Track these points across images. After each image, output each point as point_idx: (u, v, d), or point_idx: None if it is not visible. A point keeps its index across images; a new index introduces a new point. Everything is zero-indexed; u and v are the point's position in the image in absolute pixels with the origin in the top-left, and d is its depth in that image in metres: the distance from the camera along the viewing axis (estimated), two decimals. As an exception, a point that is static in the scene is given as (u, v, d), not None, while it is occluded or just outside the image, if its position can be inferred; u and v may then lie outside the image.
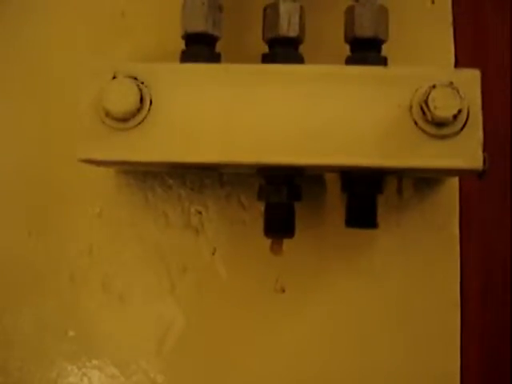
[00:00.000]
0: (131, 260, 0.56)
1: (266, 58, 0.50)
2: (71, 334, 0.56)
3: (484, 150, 0.46)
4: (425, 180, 0.55)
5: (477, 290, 0.55)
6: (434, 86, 0.44)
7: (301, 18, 0.50)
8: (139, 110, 0.46)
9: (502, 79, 0.57)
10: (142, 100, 0.46)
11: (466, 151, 0.45)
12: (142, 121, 0.46)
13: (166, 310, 0.56)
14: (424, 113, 0.45)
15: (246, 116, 0.46)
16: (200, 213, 0.56)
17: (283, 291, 0.55)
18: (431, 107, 0.44)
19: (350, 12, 0.50)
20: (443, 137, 0.45)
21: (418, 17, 0.57)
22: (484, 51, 0.57)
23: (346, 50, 0.51)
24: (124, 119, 0.46)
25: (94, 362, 0.56)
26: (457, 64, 0.56)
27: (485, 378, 0.54)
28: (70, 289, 0.56)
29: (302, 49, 0.51)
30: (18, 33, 0.60)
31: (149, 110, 0.47)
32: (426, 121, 0.45)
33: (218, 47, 0.52)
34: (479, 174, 0.51)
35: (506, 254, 0.55)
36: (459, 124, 0.45)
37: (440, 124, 0.45)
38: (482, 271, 0.55)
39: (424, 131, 0.45)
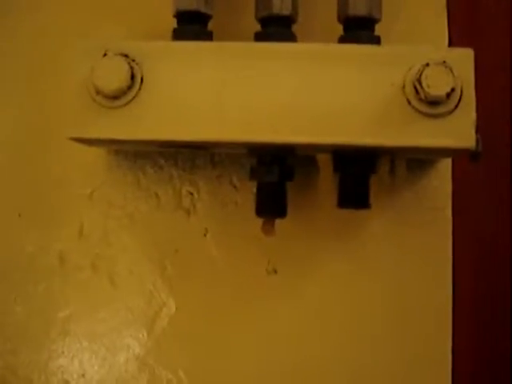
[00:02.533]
0: (122, 241, 0.56)
1: (259, 37, 0.50)
2: (61, 315, 0.56)
3: (477, 132, 0.45)
4: (418, 161, 0.55)
5: (469, 272, 0.55)
6: (427, 65, 0.44)
7: (294, -4, 0.50)
8: (130, 87, 0.46)
9: (497, 62, 0.56)
10: (132, 77, 0.46)
11: (459, 130, 0.45)
12: (133, 98, 0.46)
13: (156, 291, 0.55)
14: (417, 91, 0.44)
15: (237, 94, 0.46)
16: (191, 194, 0.56)
17: (275, 272, 0.55)
18: (424, 85, 0.44)
19: (343, -10, 0.50)
20: (436, 116, 0.45)
21: (412, -3, 0.57)
22: (478, 33, 0.57)
23: (340, 29, 0.51)
24: (115, 97, 0.46)
25: (85, 343, 0.56)
26: (450, 45, 0.55)
27: (477, 358, 0.54)
28: (60, 270, 0.56)
29: (295, 28, 0.51)
30: (8, 17, 0.59)
31: (140, 87, 0.46)
32: (419, 99, 0.45)
33: (210, 26, 0.51)
34: (472, 157, 0.51)
35: (499, 236, 0.55)
36: (452, 103, 0.45)
37: (433, 103, 0.44)
38: (475, 252, 0.55)
39: (417, 110, 0.45)
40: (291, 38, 0.50)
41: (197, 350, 0.55)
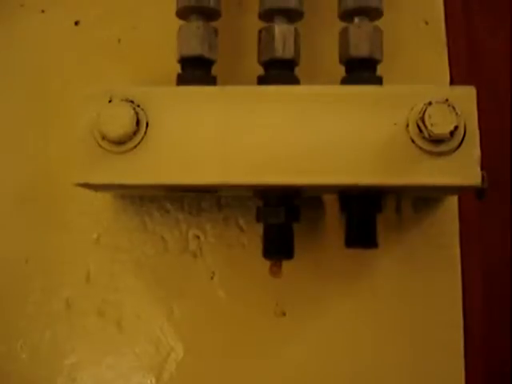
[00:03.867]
0: (128, 286, 0.56)
1: (262, 80, 0.50)
2: (68, 362, 0.55)
3: (482, 169, 0.45)
4: (424, 199, 0.55)
5: (479, 309, 0.54)
6: (429, 103, 0.44)
7: (296, 40, 0.50)
8: (135, 132, 0.46)
9: (496, 96, 0.57)
10: (138, 123, 0.46)
11: (464, 168, 0.45)
12: (139, 143, 0.46)
13: (164, 336, 0.55)
14: (421, 130, 0.45)
15: (242, 137, 0.46)
16: (198, 237, 0.56)
17: (283, 315, 0.54)
18: (428, 124, 0.44)
19: (344, 33, 0.51)
20: (440, 154, 0.45)
21: (412, 38, 0.57)
22: (478, 69, 0.57)
23: (342, 71, 0.51)
24: (120, 142, 0.46)
25: (92, 391, 0.55)
26: (452, 83, 0.56)
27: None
28: (67, 316, 0.56)
29: (297, 71, 0.51)
30: (14, 64, 0.60)
31: (145, 132, 0.46)
32: (423, 138, 0.45)
33: (214, 71, 0.52)
34: (478, 194, 0.50)
35: (508, 271, 0.55)
36: (456, 141, 0.45)
37: (437, 141, 0.44)
38: (484, 289, 0.54)
39: (421, 148, 0.45)
40: (294, 80, 0.50)
41: (206, 395, 0.54)
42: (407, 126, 0.45)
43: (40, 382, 0.56)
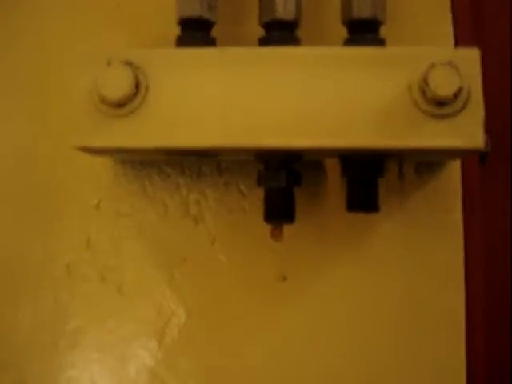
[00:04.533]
0: (129, 251, 0.56)
1: (263, 42, 0.50)
2: (70, 327, 0.55)
3: (486, 133, 0.45)
4: (426, 164, 0.55)
5: (481, 274, 0.54)
6: (433, 65, 0.44)
7: (297, 0, 0.49)
8: (135, 95, 0.46)
9: (501, 61, 0.56)
10: (137, 85, 0.46)
11: (467, 131, 0.44)
12: (138, 106, 0.46)
13: (165, 301, 0.55)
14: (424, 92, 0.44)
15: (242, 99, 0.46)
16: (199, 201, 0.56)
17: (284, 279, 0.54)
18: (431, 86, 0.43)
19: (346, -7, 0.50)
20: (443, 116, 0.44)
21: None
22: (482, 33, 0.56)
23: (344, 33, 0.50)
24: (120, 105, 0.46)
25: (94, 355, 0.55)
26: (456, 46, 0.55)
27: (490, 361, 0.53)
28: (68, 281, 0.56)
29: (298, 32, 0.51)
30: (15, 27, 0.60)
31: (145, 95, 0.46)
32: (426, 100, 0.44)
33: (214, 33, 0.51)
34: (481, 158, 0.50)
35: (509, 236, 0.55)
36: (460, 103, 0.44)
37: (440, 103, 0.44)
38: (486, 254, 0.54)
39: (424, 111, 0.44)
40: (295, 42, 0.49)
41: (207, 359, 0.54)
42: (410, 88, 0.45)
43: (43, 347, 0.56)
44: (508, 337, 0.54)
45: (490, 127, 0.45)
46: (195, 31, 0.49)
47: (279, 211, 0.49)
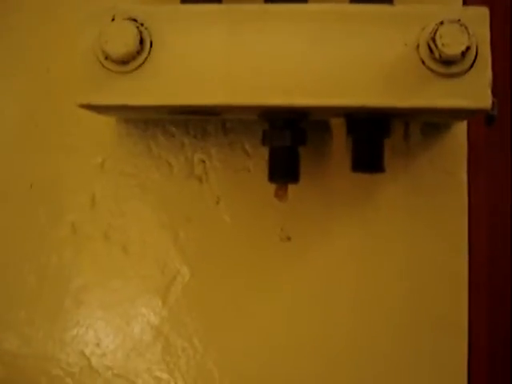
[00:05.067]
0: (134, 211, 0.56)
1: (269, -1, 0.49)
2: (74, 285, 0.56)
3: (493, 95, 0.44)
4: (432, 125, 0.54)
5: (485, 236, 0.54)
6: (441, 23, 0.43)
7: (304, -43, 0.49)
8: (139, 52, 0.45)
9: (507, 22, 0.55)
10: (141, 42, 0.45)
11: (475, 90, 0.44)
12: (143, 63, 0.46)
13: (170, 260, 0.55)
14: (431, 51, 0.43)
15: (247, 57, 0.45)
16: (203, 161, 0.55)
17: (289, 239, 0.54)
18: (439, 44, 0.43)
19: (354, -50, 0.49)
20: (451, 75, 0.44)
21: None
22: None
23: (351, -10, 0.50)
24: (124, 62, 0.45)
25: (99, 313, 0.56)
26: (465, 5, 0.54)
27: (493, 326, 0.54)
28: (73, 240, 0.56)
29: (305, -10, 0.50)
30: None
31: (149, 52, 0.46)
32: (434, 59, 0.44)
33: (220, -10, 0.50)
34: (487, 120, 0.50)
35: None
36: (467, 62, 0.44)
37: (448, 62, 0.43)
38: (490, 217, 0.54)
39: (431, 70, 0.44)
40: (302, -1, 0.49)
41: (211, 317, 0.55)
42: (418, 46, 0.44)
43: (47, 305, 0.56)
44: (510, 297, 0.54)
45: (495, 90, 0.44)
46: (200, -13, 0.49)
47: (284, 171, 0.49)
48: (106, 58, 0.45)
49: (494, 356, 0.54)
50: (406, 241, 0.54)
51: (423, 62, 0.44)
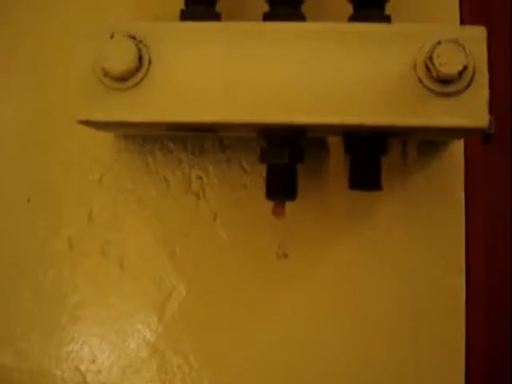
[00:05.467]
0: (131, 226, 0.56)
1: (267, 17, 0.49)
2: (71, 301, 0.56)
3: (490, 114, 0.45)
4: (429, 143, 0.54)
5: (482, 254, 0.54)
6: (439, 43, 0.43)
7: (302, -24, 0.49)
8: (138, 69, 0.45)
9: (506, 42, 0.56)
10: (140, 59, 0.45)
11: (472, 109, 0.44)
12: (141, 80, 0.46)
13: (166, 276, 0.55)
14: (429, 70, 0.44)
15: (246, 75, 0.45)
16: (201, 177, 0.55)
17: (285, 256, 0.54)
18: (436, 63, 0.43)
19: (352, -30, 0.49)
20: (448, 94, 0.44)
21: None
22: (489, 14, 0.56)
23: (349, 9, 0.50)
24: (122, 78, 0.45)
25: (95, 329, 0.56)
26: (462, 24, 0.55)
27: (491, 343, 0.53)
28: (70, 255, 0.56)
29: (303, 8, 0.50)
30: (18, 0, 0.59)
31: (148, 69, 0.46)
32: (431, 78, 0.44)
33: (218, 8, 0.51)
34: (484, 138, 0.50)
35: (510, 217, 0.55)
36: (464, 81, 0.44)
37: (445, 81, 0.44)
38: (487, 234, 0.54)
39: (429, 89, 0.44)
40: (300, 17, 0.49)
41: (207, 334, 0.55)
42: (415, 65, 0.45)
43: (44, 320, 0.56)
44: (508, 315, 0.54)
45: (492, 108, 0.45)
46: (199, 5, 0.49)
47: (281, 188, 0.49)
48: (105, 75, 0.45)
49: (491, 374, 0.54)
50: (404, 258, 0.54)
51: (421, 81, 0.44)
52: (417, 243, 0.54)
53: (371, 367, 0.54)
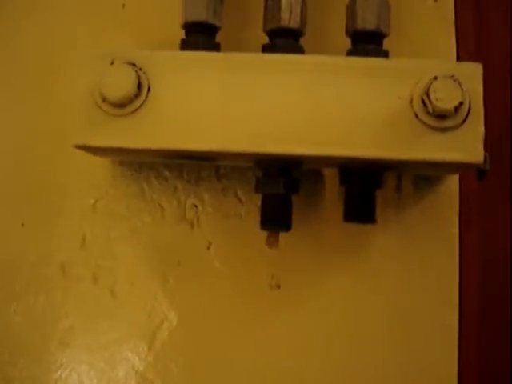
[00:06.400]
0: (124, 253, 0.55)
1: (267, 49, 0.50)
2: (61, 327, 0.55)
3: (485, 150, 0.45)
4: (424, 178, 0.54)
5: (476, 290, 0.54)
6: (435, 78, 0.44)
7: (302, 9, 0.50)
8: (137, 96, 0.46)
9: (503, 77, 0.56)
10: (139, 86, 0.46)
11: (467, 145, 0.45)
12: (140, 107, 0.46)
13: (158, 304, 0.55)
14: (425, 105, 0.44)
15: (244, 105, 0.46)
16: (196, 206, 0.55)
17: (278, 287, 0.54)
18: (432, 99, 0.43)
19: (352, 5, 0.50)
20: (444, 129, 0.44)
21: (420, 14, 0.56)
22: (486, 50, 0.57)
23: (348, 43, 0.51)
24: (121, 105, 0.46)
25: (84, 356, 0.55)
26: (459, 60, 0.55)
27: (483, 379, 0.53)
28: (61, 281, 0.55)
29: (302, 41, 0.51)
30: (19, 24, 0.60)
31: (146, 96, 0.46)
32: (427, 113, 0.44)
33: (218, 39, 0.51)
34: (479, 174, 0.50)
35: (505, 254, 0.54)
36: (460, 117, 0.44)
37: (441, 116, 0.44)
38: (481, 271, 0.54)
39: (424, 124, 0.45)
40: (299, 50, 0.50)
41: (197, 365, 0.54)
42: (412, 100, 0.45)
43: (33, 346, 0.55)
44: (503, 353, 0.54)
45: (488, 143, 0.45)
46: (200, 35, 0.50)
47: (276, 218, 0.49)
48: (104, 101, 0.46)
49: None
50: (397, 291, 0.54)
51: (416, 116, 0.45)
52: (410, 276, 0.54)
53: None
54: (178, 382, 0.54)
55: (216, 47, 0.50)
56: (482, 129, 0.45)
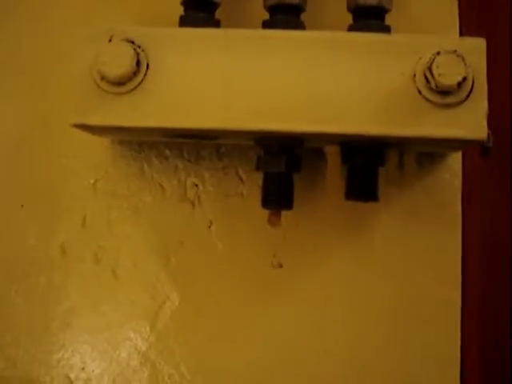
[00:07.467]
0: (125, 233, 0.55)
1: (267, 25, 0.49)
2: (62, 308, 0.55)
3: (489, 128, 0.44)
4: (427, 155, 0.54)
5: (478, 267, 0.53)
6: (438, 53, 0.43)
7: (303, -16, 0.49)
8: (135, 73, 0.45)
9: (505, 54, 0.55)
10: (138, 64, 0.45)
11: (470, 121, 0.44)
12: (139, 85, 0.45)
13: (160, 284, 0.55)
14: (428, 81, 0.44)
15: (245, 82, 0.45)
16: (196, 185, 0.55)
17: (280, 266, 0.54)
18: (435, 74, 0.43)
19: (353, -20, 0.49)
20: (447, 106, 0.44)
21: (423, -11, 0.56)
22: (489, 26, 0.56)
23: (349, 19, 0.50)
24: (120, 83, 0.45)
25: (86, 337, 0.55)
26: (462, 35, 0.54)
27: (485, 358, 0.53)
28: (62, 262, 0.55)
29: (303, 17, 0.50)
30: (17, 3, 0.59)
31: (145, 74, 0.45)
32: (430, 89, 0.44)
33: (218, 15, 0.50)
34: (482, 151, 0.50)
35: (507, 231, 0.54)
36: (463, 93, 0.44)
37: (444, 92, 0.43)
38: (484, 248, 0.54)
39: (427, 100, 0.44)
40: (299, 26, 0.49)
41: (199, 344, 0.54)
42: (414, 75, 0.44)
43: (34, 327, 0.55)
44: (505, 328, 0.53)
45: (491, 121, 0.44)
46: (198, 11, 0.49)
47: (277, 197, 0.48)
48: (102, 79, 0.45)
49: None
50: (399, 270, 0.54)
51: (419, 92, 0.44)
52: (412, 255, 0.54)
53: (365, 379, 0.53)
54: (181, 362, 0.54)
55: (216, 23, 0.49)
56: (485, 105, 0.44)
